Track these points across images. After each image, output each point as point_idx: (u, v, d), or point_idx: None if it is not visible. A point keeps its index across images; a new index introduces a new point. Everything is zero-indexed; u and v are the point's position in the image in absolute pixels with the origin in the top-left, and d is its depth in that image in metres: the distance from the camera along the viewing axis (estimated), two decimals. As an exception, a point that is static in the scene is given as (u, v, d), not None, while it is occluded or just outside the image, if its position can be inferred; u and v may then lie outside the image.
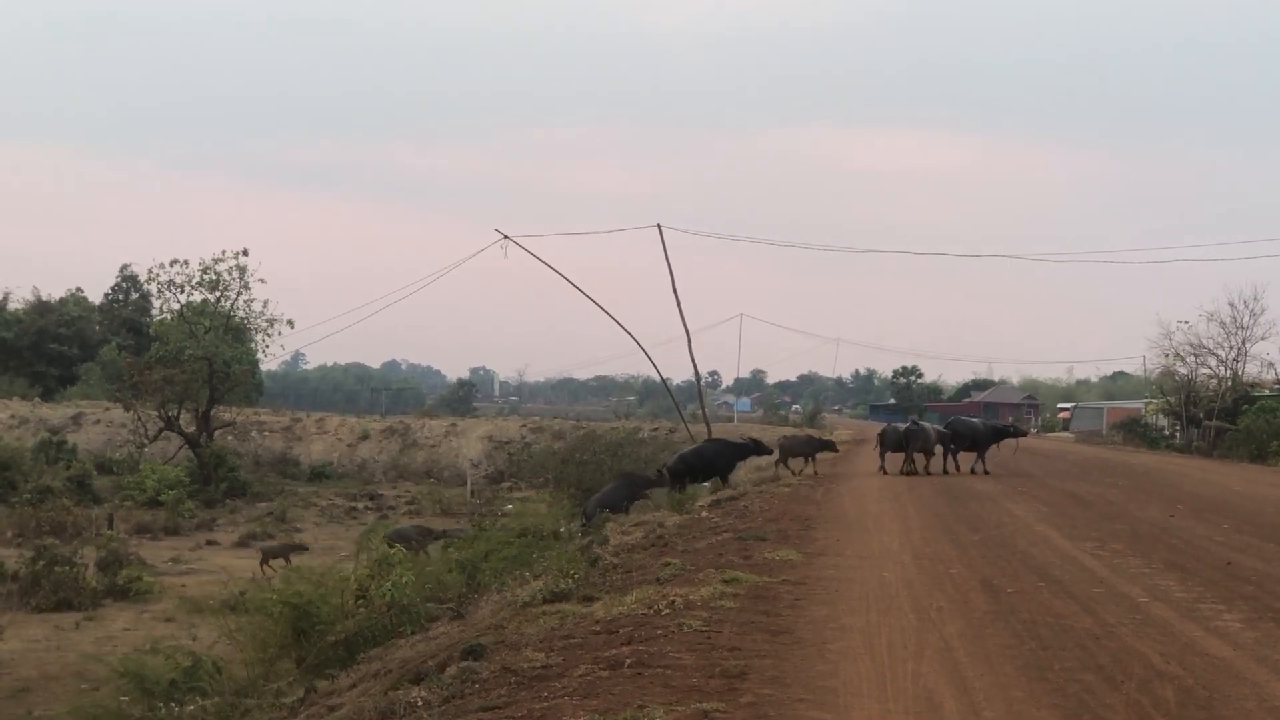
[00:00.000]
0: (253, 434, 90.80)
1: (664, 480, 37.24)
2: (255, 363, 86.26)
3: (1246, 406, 65.01)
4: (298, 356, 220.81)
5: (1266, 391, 70.04)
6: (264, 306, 79.41)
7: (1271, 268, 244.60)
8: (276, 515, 61.72)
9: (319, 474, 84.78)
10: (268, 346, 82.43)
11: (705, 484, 37.40)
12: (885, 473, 39.30)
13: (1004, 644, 12.02)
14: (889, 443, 40.62)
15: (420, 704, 11.11)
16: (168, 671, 21.58)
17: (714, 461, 39.19)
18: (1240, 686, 10.25)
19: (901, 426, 41.93)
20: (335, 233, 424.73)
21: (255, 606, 23.79)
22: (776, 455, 40.30)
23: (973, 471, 39.85)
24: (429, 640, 18.42)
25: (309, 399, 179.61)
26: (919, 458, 39.77)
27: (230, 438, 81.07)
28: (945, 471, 39.77)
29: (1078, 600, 14.69)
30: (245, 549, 51.07)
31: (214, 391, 75.25)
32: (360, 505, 70.45)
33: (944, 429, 42.84)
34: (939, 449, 40.84)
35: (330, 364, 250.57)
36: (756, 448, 40.32)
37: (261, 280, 78.85)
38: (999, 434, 43.01)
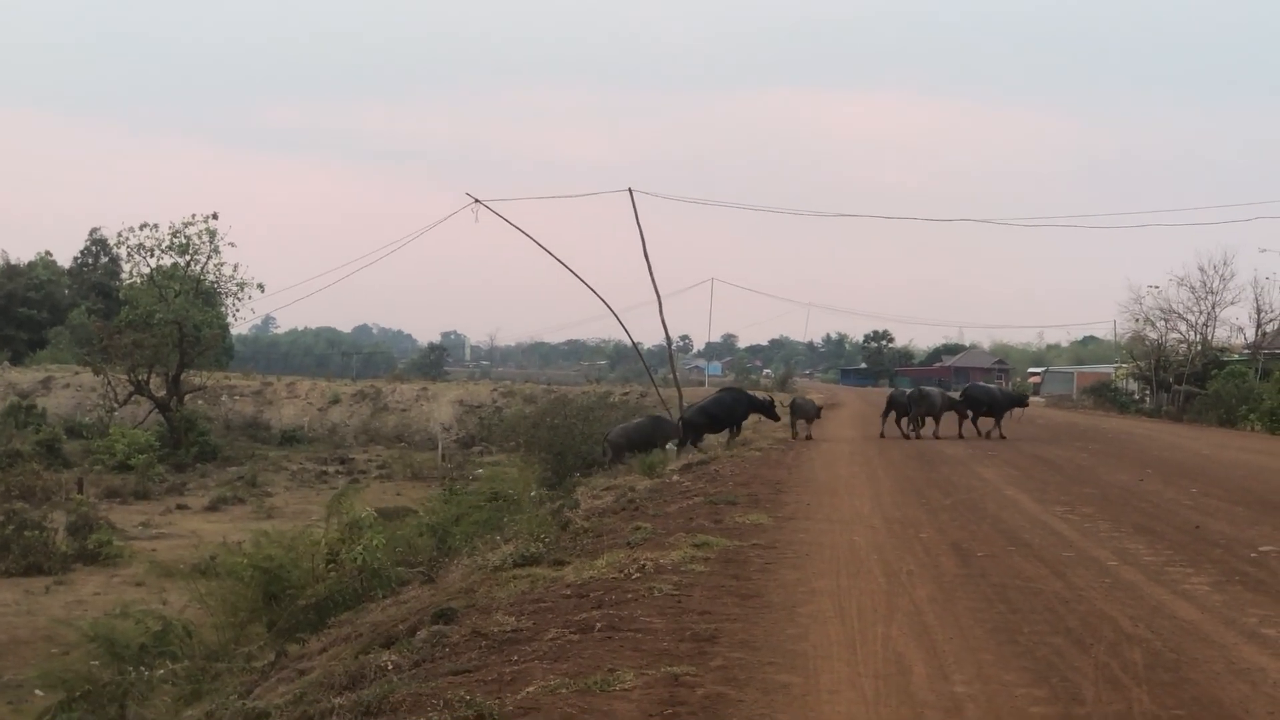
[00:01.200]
0: (223, 398, 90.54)
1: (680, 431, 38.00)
2: (225, 327, 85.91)
3: (1216, 371, 65.28)
4: (268, 320, 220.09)
5: (1235, 356, 70.31)
6: (234, 270, 79.13)
7: (1241, 232, 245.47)
8: (247, 479, 61.61)
9: (290, 438, 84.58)
10: (238, 310, 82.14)
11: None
12: (884, 436, 39.78)
13: (974, 607, 12.04)
14: (898, 407, 41.23)
15: (390, 668, 11.08)
16: (138, 636, 21.58)
17: (733, 409, 39.67)
18: (1208, 649, 10.28)
19: (908, 392, 43.02)
20: (306, 197, 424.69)
21: (226, 571, 23.74)
22: (790, 417, 40.30)
23: (988, 436, 40.49)
24: (399, 604, 18.40)
25: (279, 363, 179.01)
26: (929, 422, 40.70)
27: (200, 402, 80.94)
28: (961, 435, 40.31)
29: (1047, 564, 14.73)
30: (216, 513, 51.06)
31: (184, 355, 74.99)
32: (331, 469, 70.35)
33: (959, 396, 43.60)
34: (953, 415, 41.76)
35: (301, 328, 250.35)
36: (769, 408, 40.66)
37: (231, 244, 78.67)
38: (1013, 401, 44.03)
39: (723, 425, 39.54)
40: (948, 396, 43.26)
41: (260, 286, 79.68)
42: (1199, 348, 70.27)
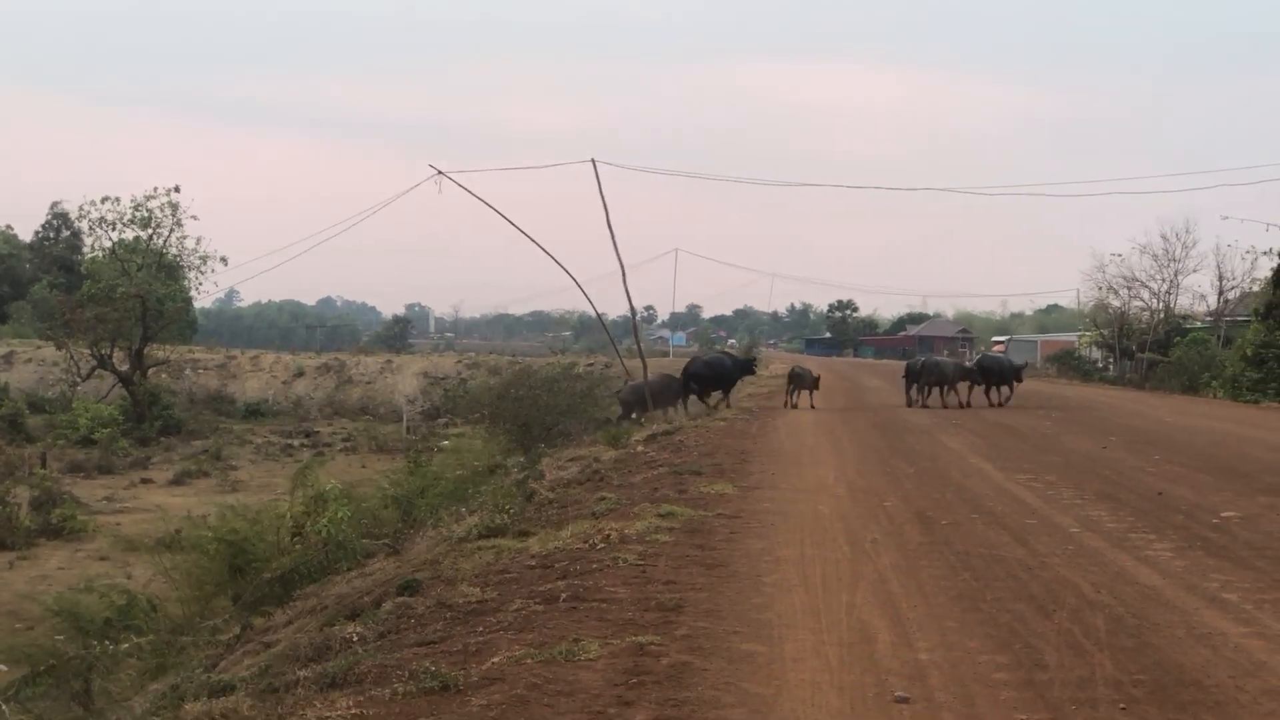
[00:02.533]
0: (186, 372, 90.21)
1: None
2: (188, 300, 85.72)
3: (1178, 338, 65.52)
4: (232, 294, 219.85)
5: (1198, 323, 70.57)
6: (197, 243, 78.95)
7: (1203, 200, 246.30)
8: (211, 453, 61.55)
9: (254, 411, 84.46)
10: (201, 284, 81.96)
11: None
12: (923, 406, 40.37)
13: (938, 575, 12.09)
14: (915, 376, 41.97)
15: (355, 639, 11.08)
16: (102, 610, 21.55)
17: (731, 373, 41.27)
18: (1169, 614, 10.34)
19: (921, 361, 44.03)
20: (269, 169, 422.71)
21: (190, 544, 23.73)
22: (788, 385, 41.30)
23: (999, 404, 41.59)
24: (365, 576, 18.41)
25: (243, 336, 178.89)
26: (938, 390, 41.40)
27: (164, 376, 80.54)
28: (968, 404, 41.06)
29: (1011, 531, 14.79)
30: (180, 487, 50.97)
31: (147, 329, 74.73)
32: (295, 442, 70.29)
33: (973, 366, 44.60)
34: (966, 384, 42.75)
35: (265, 301, 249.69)
36: (752, 366, 43.92)
37: (194, 217, 78.36)
38: (1018, 371, 44.68)
39: (721, 383, 40.89)
40: (961, 366, 44.13)
41: (223, 260, 79.52)
42: (1162, 315, 70.55)
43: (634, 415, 38.51)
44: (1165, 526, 15.14)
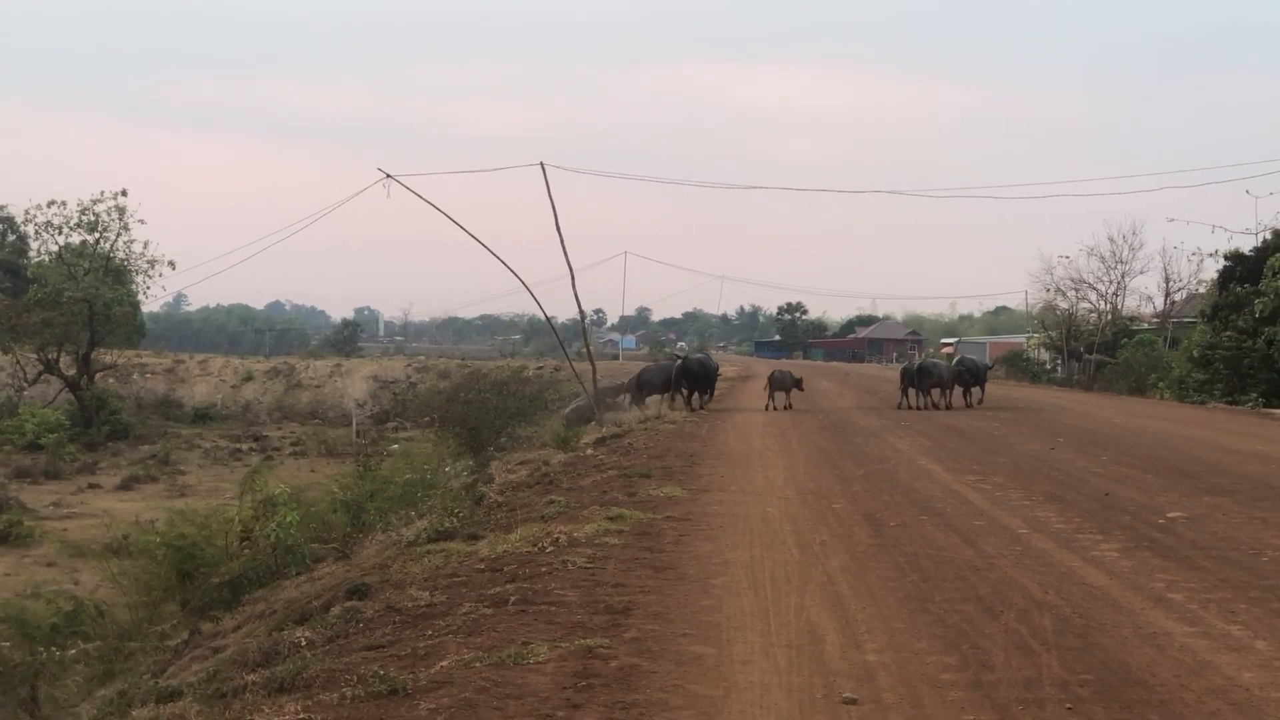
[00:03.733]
0: (135, 376, 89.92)
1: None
2: (136, 304, 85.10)
3: (1125, 340, 65.85)
4: (180, 298, 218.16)
5: (1145, 325, 70.96)
6: (144, 247, 78.64)
7: (1149, 202, 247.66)
8: (160, 458, 61.27)
9: (203, 416, 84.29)
10: (149, 288, 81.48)
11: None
12: (910, 408, 41.10)
13: (886, 576, 12.13)
14: (909, 379, 42.87)
15: (304, 644, 11.07)
16: (49, 616, 21.45)
17: (713, 376, 43.56)
18: (1116, 614, 10.40)
19: (916, 364, 44.94)
20: (218, 173, 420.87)
21: (138, 550, 23.62)
22: (768, 389, 42.40)
23: (976, 404, 43.04)
24: (314, 581, 18.40)
25: (192, 340, 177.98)
26: (935, 393, 42.23)
27: (112, 380, 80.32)
28: (949, 406, 41.83)
29: (959, 533, 14.85)
30: (128, 492, 50.72)
31: (94, 334, 74.42)
32: (245, 447, 70.17)
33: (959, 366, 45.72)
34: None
35: (213, 305, 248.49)
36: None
37: (141, 221, 78.07)
38: (986, 371, 47.09)
39: (710, 383, 42.85)
40: (954, 369, 44.77)
41: (171, 264, 79.17)
42: (1109, 317, 70.90)
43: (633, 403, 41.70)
44: (1112, 527, 15.23)
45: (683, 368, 42.58)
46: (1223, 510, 16.71)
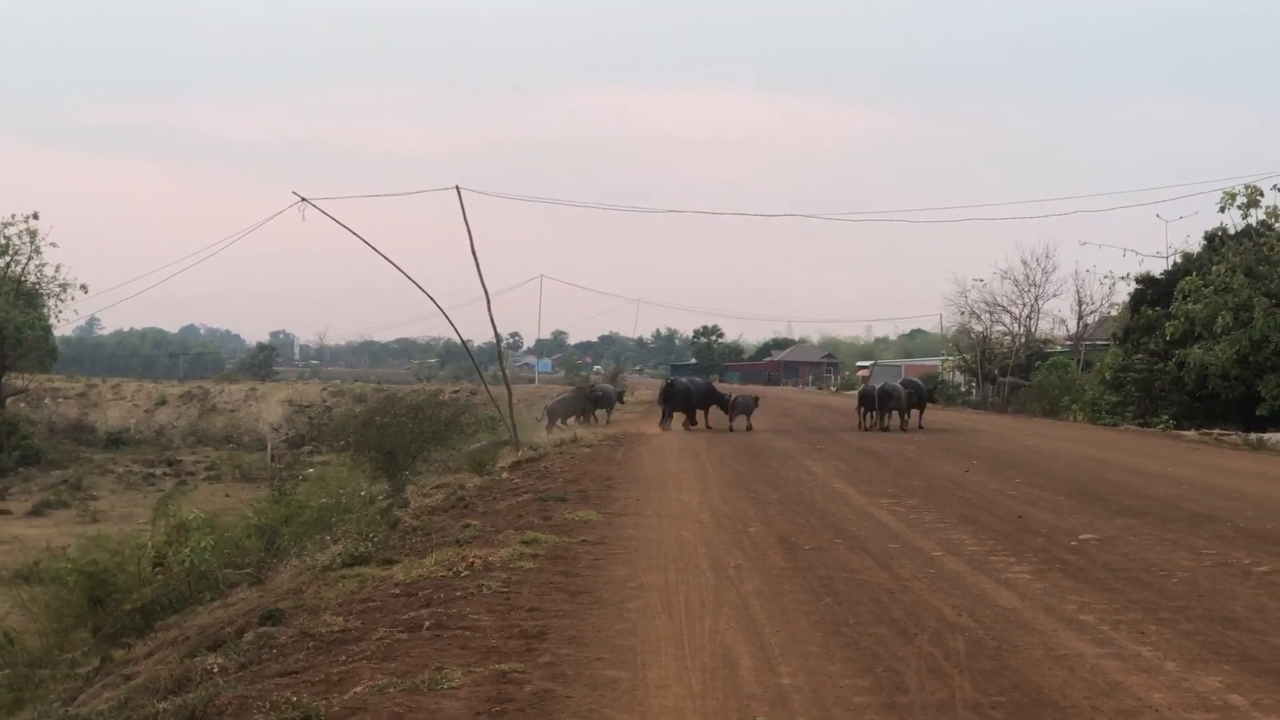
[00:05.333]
0: (46, 401, 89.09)
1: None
2: (48, 328, 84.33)
3: (1039, 363, 66.36)
4: (93, 322, 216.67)
5: (1058, 348, 71.52)
6: (56, 271, 77.94)
7: (1062, 226, 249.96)
8: (71, 483, 60.79)
9: (115, 441, 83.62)
10: (60, 312, 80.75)
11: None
12: (866, 429, 42.52)
13: (800, 600, 12.16)
14: (869, 403, 44.18)
15: (217, 670, 10.99)
16: (-44, 643, 21.20)
17: (706, 397, 44.84)
18: (1028, 636, 10.47)
19: (876, 390, 45.96)
20: (130, 196, 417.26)
21: (49, 576, 23.42)
22: (730, 412, 43.39)
23: (919, 426, 43.53)
24: (228, 606, 18.29)
25: (105, 365, 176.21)
26: (893, 416, 43.75)
27: (23, 405, 79.57)
28: (904, 428, 43.10)
29: (873, 556, 14.91)
30: (39, 518, 50.27)
31: (4, 358, 73.79)
32: (158, 472, 69.73)
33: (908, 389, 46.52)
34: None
35: (127, 329, 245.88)
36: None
37: (53, 244, 77.39)
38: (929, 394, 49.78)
39: (700, 406, 44.30)
40: (908, 393, 45.54)
41: (84, 287, 78.50)
42: (1023, 340, 71.42)
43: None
44: (1025, 549, 15.34)
45: (670, 388, 45.36)
46: (1134, 532, 16.88)
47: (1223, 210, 47.77)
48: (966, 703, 8.54)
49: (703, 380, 49.31)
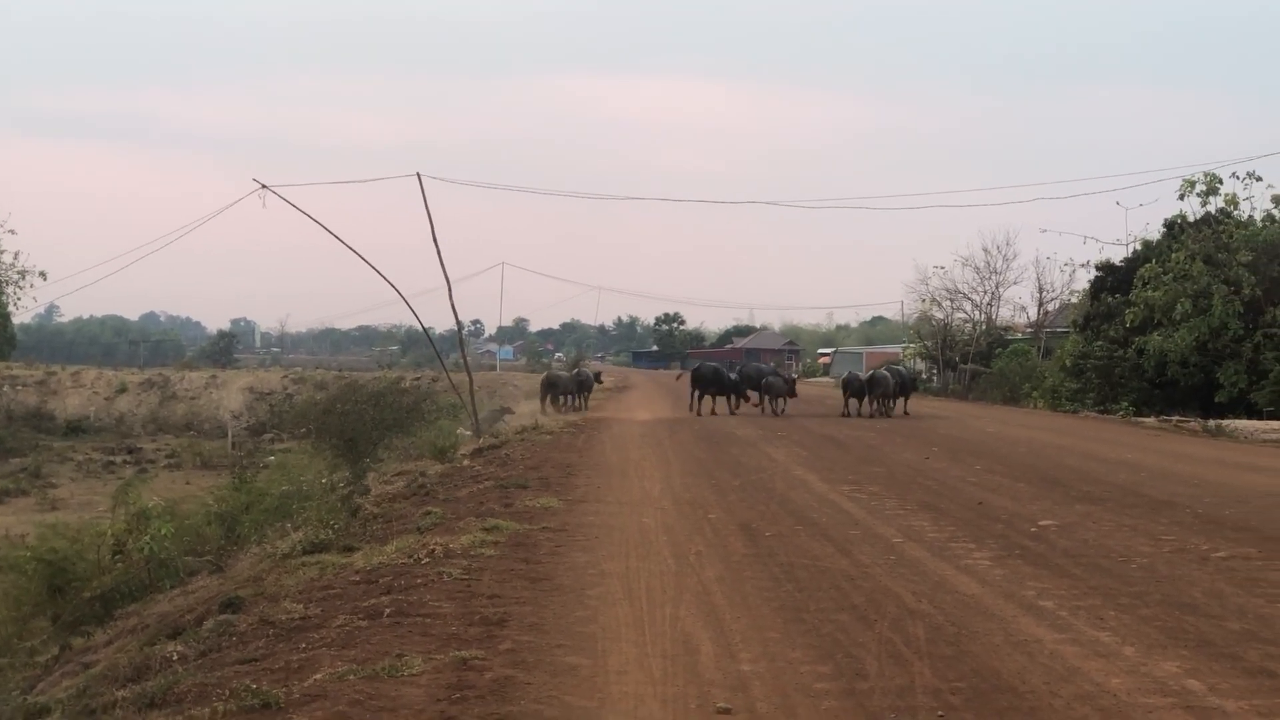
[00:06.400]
0: (5, 389, 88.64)
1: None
2: (6, 316, 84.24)
3: (1000, 350, 66.40)
4: (52, 309, 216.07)
5: (1019, 335, 71.64)
6: (14, 258, 77.73)
7: (1023, 213, 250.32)
8: (30, 471, 60.46)
9: (75, 428, 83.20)
10: (19, 299, 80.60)
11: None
12: (848, 415, 43.47)
13: (761, 586, 12.18)
14: (853, 390, 45.26)
15: (176, 658, 10.96)
16: (-87, 633, 21.09)
17: (738, 385, 46.54)
18: (988, 622, 10.51)
19: (864, 376, 47.87)
20: (91, 183, 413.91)
21: (7, 564, 23.30)
22: (761, 395, 45.36)
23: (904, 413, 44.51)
24: (187, 594, 18.22)
25: (64, 352, 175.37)
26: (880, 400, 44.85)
27: (-19, 392, 79.20)
28: (887, 414, 44.22)
29: (834, 542, 14.94)
30: (-3, 505, 50.05)
31: (-38, 346, 73.44)
32: (118, 459, 69.32)
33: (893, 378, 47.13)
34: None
35: (86, 316, 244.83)
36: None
37: (12, 231, 77.36)
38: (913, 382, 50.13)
39: (727, 389, 46.13)
40: (896, 381, 46.36)
41: (42, 274, 78.51)
42: (984, 327, 71.46)
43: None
44: (985, 536, 15.40)
45: (698, 373, 46.70)
46: (1093, 518, 16.96)
47: (1182, 198, 48.18)
48: (926, 688, 8.57)
49: (716, 365, 50.21)
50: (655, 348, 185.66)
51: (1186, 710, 8.14)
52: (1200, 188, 47.57)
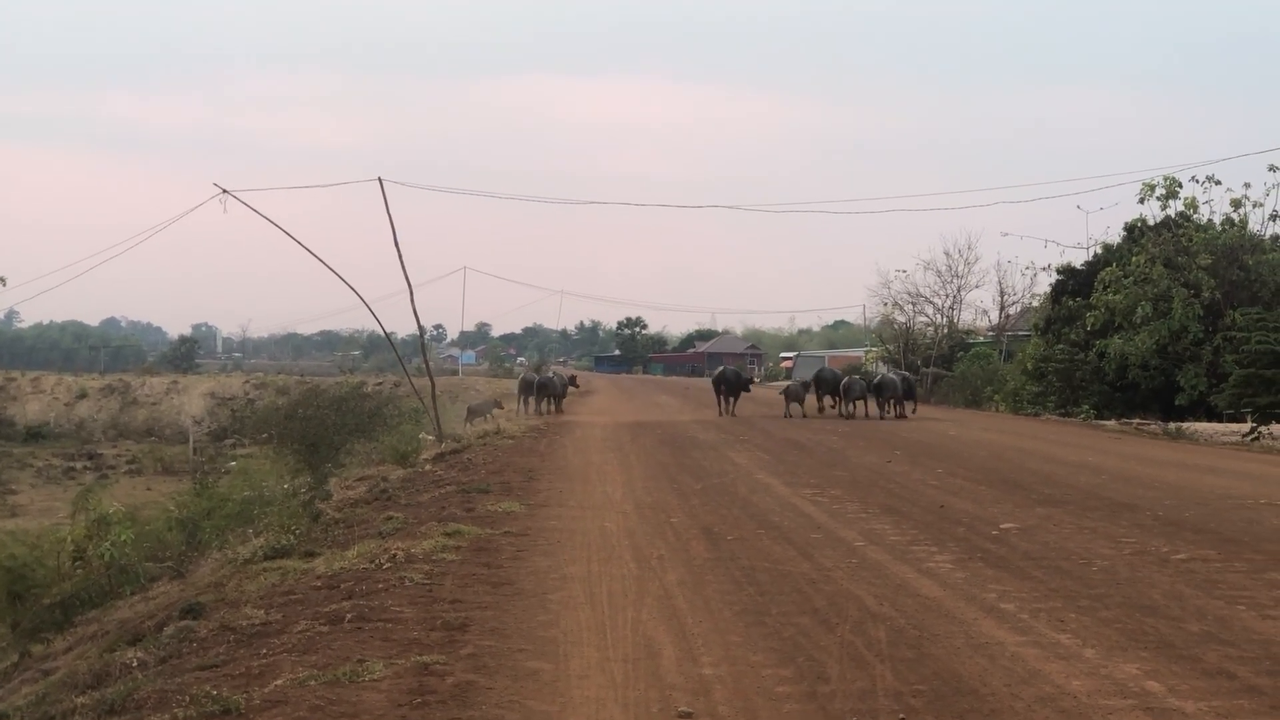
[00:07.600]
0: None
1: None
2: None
3: (962, 353, 66.61)
4: (11, 315, 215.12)
5: (980, 338, 71.87)
6: (-28, 264, 77.34)
7: (984, 217, 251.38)
8: (-11, 477, 60.30)
9: (35, 434, 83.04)
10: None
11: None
12: (822, 411, 46.07)
13: (723, 590, 12.19)
14: (826, 387, 47.29)
15: (136, 665, 10.94)
16: None
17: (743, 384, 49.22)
18: (949, 625, 10.53)
19: (845, 376, 48.67)
20: (49, 187, 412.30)
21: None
22: (785, 400, 46.37)
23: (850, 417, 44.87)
24: (148, 600, 18.20)
25: (24, 358, 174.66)
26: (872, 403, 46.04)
27: (-62, 398, 78.83)
28: (894, 415, 44.99)
29: (796, 546, 14.96)
30: (-45, 512, 49.83)
31: (-79, 351, 73.23)
32: (79, 465, 69.25)
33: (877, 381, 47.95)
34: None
35: (46, 322, 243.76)
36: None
37: (-30, 236, 76.79)
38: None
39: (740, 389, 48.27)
40: (865, 382, 47.56)
41: (2, 280, 77.97)
42: (946, 330, 71.63)
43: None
44: (947, 539, 15.43)
45: (720, 376, 48.75)
46: (1054, 521, 17.01)
47: (1142, 201, 48.44)
48: (887, 691, 8.58)
49: (737, 369, 52.48)
50: (618, 352, 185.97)
51: (1146, 712, 8.17)
52: (1160, 191, 47.89)
